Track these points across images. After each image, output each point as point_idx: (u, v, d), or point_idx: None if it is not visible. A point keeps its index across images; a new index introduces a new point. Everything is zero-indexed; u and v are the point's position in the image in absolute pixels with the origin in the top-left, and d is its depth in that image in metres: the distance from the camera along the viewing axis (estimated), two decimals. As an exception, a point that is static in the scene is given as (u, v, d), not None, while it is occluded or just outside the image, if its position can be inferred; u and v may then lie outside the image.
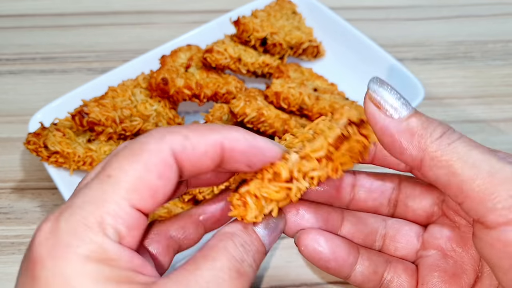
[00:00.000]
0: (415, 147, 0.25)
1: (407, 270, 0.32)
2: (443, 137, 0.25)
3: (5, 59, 0.83)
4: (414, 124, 0.26)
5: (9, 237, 0.62)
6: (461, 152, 0.24)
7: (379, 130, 0.27)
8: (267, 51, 0.73)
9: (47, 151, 0.61)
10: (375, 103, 0.27)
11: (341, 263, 0.30)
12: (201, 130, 0.23)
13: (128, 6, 0.92)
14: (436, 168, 0.25)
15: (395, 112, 0.26)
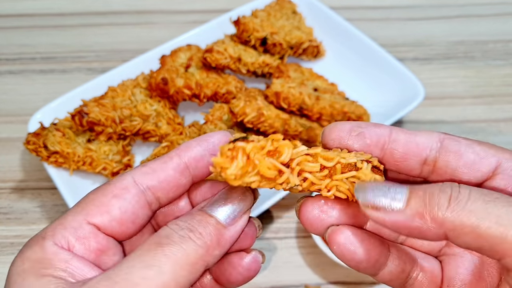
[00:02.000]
0: (432, 226, 0.24)
1: (432, 269, 0.31)
2: (451, 203, 0.24)
3: (4, 59, 0.83)
4: (416, 206, 0.24)
5: (8, 237, 0.62)
6: (479, 213, 0.23)
7: (392, 227, 0.25)
8: (267, 51, 0.73)
9: (46, 151, 0.61)
10: (371, 208, 0.26)
11: (373, 263, 0.29)
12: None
13: (128, 6, 0.92)
14: (462, 237, 0.24)
15: (392, 206, 0.25)
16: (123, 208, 0.26)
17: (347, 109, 0.65)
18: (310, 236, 0.58)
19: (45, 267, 0.24)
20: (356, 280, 0.58)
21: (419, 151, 0.29)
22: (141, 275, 0.23)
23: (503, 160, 0.28)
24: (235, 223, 0.27)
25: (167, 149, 0.59)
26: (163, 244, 0.25)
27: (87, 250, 0.26)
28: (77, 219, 0.26)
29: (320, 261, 0.59)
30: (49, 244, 0.25)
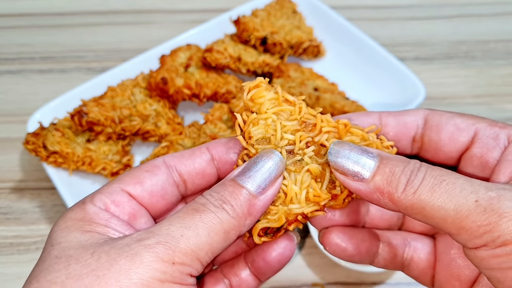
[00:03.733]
0: (389, 204, 0.27)
1: (425, 247, 0.34)
2: (407, 188, 0.26)
3: (3, 59, 0.83)
4: (379, 183, 0.27)
5: (8, 237, 0.62)
6: (426, 198, 0.26)
7: (354, 192, 0.29)
8: (267, 51, 0.72)
9: (46, 151, 0.60)
10: (340, 172, 0.29)
11: (365, 255, 0.32)
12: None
13: (127, 5, 0.92)
14: (414, 215, 0.27)
15: (359, 175, 0.28)
16: (153, 181, 0.30)
17: (347, 109, 0.65)
18: (310, 237, 0.58)
19: (88, 224, 0.27)
20: (356, 281, 0.58)
21: (408, 130, 0.32)
22: (180, 232, 0.26)
23: (480, 129, 0.30)
24: (266, 192, 0.29)
25: (167, 149, 0.59)
26: (200, 211, 0.27)
27: (121, 212, 0.29)
28: (113, 186, 0.29)
29: (320, 261, 0.59)
30: (89, 206, 0.28)
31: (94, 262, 0.25)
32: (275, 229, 0.31)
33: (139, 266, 0.24)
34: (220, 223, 0.27)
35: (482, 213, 0.24)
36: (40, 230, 0.62)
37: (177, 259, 0.25)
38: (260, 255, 0.31)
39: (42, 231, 0.62)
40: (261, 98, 0.31)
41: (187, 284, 0.26)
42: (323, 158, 0.30)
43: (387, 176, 0.27)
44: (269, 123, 0.31)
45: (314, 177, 0.30)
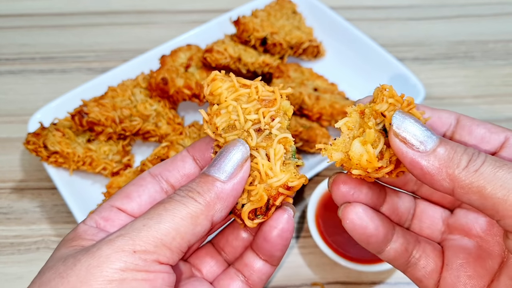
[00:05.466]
0: (445, 179, 0.27)
1: (434, 251, 0.34)
2: (469, 165, 0.26)
3: (4, 59, 0.83)
4: (441, 157, 0.27)
5: (8, 237, 0.62)
6: (488, 176, 0.26)
7: (408, 164, 0.28)
8: (267, 51, 0.73)
9: (46, 151, 0.60)
10: (400, 139, 0.28)
11: (381, 239, 0.32)
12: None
13: (128, 6, 0.92)
14: (469, 195, 0.26)
15: (421, 145, 0.27)
16: (140, 192, 0.32)
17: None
18: (310, 237, 0.58)
19: (74, 240, 0.29)
20: (356, 280, 0.58)
21: (442, 125, 0.33)
22: (142, 223, 0.27)
23: (510, 136, 0.31)
24: (234, 176, 0.30)
25: (167, 149, 0.59)
26: (164, 202, 0.28)
27: (111, 227, 0.30)
28: (104, 205, 0.31)
29: (320, 261, 0.59)
30: (80, 226, 0.30)
31: (61, 266, 0.26)
32: (264, 208, 0.31)
33: (99, 259, 0.26)
34: (186, 209, 0.28)
35: None
36: (41, 230, 0.62)
37: (138, 247, 0.26)
38: (262, 238, 0.32)
39: (43, 231, 0.62)
40: (218, 89, 0.32)
41: (154, 271, 0.26)
42: (378, 126, 0.30)
43: (449, 152, 0.27)
44: (231, 110, 0.32)
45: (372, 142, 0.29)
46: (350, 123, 0.32)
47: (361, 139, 0.30)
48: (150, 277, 0.26)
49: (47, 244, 0.61)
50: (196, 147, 0.34)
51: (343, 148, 0.31)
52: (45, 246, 0.61)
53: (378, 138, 0.30)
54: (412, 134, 0.27)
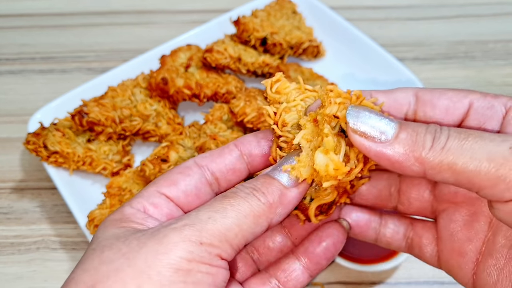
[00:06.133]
0: (414, 164, 0.26)
1: (425, 227, 0.34)
2: (434, 144, 0.26)
3: (4, 59, 0.83)
4: (404, 142, 0.26)
5: (8, 237, 0.62)
6: (456, 151, 0.25)
7: (374, 157, 0.27)
8: (267, 51, 0.73)
9: (46, 151, 0.60)
10: (360, 134, 0.27)
11: (364, 228, 0.35)
12: None
13: (128, 6, 0.92)
14: (441, 174, 0.26)
15: (381, 135, 0.27)
16: (187, 182, 0.31)
17: (347, 109, 0.65)
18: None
19: (124, 222, 0.28)
20: (356, 280, 0.58)
21: (400, 106, 0.32)
22: (208, 215, 0.27)
23: (474, 101, 0.30)
24: (298, 185, 0.30)
25: (167, 149, 0.59)
26: (229, 197, 0.28)
27: (159, 214, 0.30)
28: (150, 190, 0.31)
29: (320, 261, 0.60)
30: (127, 208, 0.30)
31: (125, 247, 0.26)
32: (327, 206, 0.33)
33: (167, 246, 0.25)
34: (250, 207, 0.27)
35: None
36: (41, 230, 0.62)
37: (205, 240, 0.26)
38: (312, 246, 0.32)
39: (43, 231, 0.62)
40: (286, 88, 0.33)
41: (216, 266, 0.26)
42: (335, 130, 0.29)
43: (411, 135, 0.26)
44: (300, 109, 0.33)
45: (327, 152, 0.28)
46: (307, 135, 0.31)
47: (322, 149, 0.28)
48: (212, 271, 0.26)
49: (47, 244, 0.61)
50: (245, 142, 0.33)
51: (309, 163, 0.30)
52: (45, 246, 0.61)
53: (338, 142, 0.29)
54: (370, 126, 0.27)
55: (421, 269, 0.59)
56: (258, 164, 0.33)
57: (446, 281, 0.58)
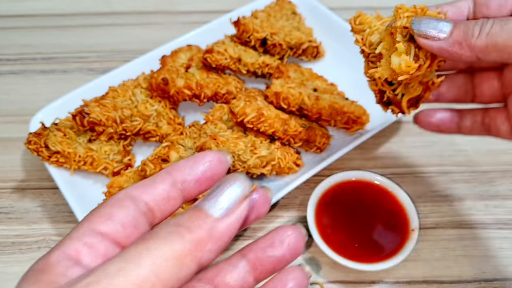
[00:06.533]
0: (467, 51, 0.36)
1: (498, 111, 0.44)
2: (481, 32, 0.35)
3: (5, 59, 0.83)
4: (458, 36, 0.36)
5: (10, 236, 0.62)
6: (497, 33, 0.34)
7: (438, 52, 0.37)
8: (267, 52, 0.73)
9: (48, 151, 0.61)
10: (423, 37, 0.37)
11: (449, 125, 0.48)
12: None
13: (129, 7, 0.92)
14: (489, 55, 0.35)
15: (440, 33, 0.37)
16: (122, 214, 0.27)
17: (346, 109, 0.65)
18: (309, 236, 0.58)
19: (45, 273, 0.24)
20: (355, 280, 0.58)
21: (461, 11, 0.42)
22: (118, 267, 0.23)
23: None
24: (230, 214, 0.26)
25: (168, 149, 0.60)
26: (147, 240, 0.24)
27: (94, 256, 0.26)
28: (83, 228, 0.26)
29: (319, 260, 0.60)
30: (54, 254, 0.25)
31: None
32: (415, 100, 0.42)
33: None
34: (171, 249, 0.24)
35: None
36: (42, 230, 0.63)
37: None
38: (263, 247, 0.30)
39: (44, 230, 0.63)
40: (367, 19, 0.45)
41: None
42: (406, 38, 0.39)
43: (463, 30, 0.36)
44: (380, 32, 0.42)
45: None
46: (386, 45, 0.41)
47: (396, 53, 0.39)
48: None
49: (48, 244, 0.61)
50: (178, 169, 0.30)
51: (389, 66, 0.40)
52: (46, 246, 0.61)
53: (409, 46, 0.39)
54: (430, 29, 0.37)
55: (420, 268, 0.59)
56: (192, 190, 0.30)
57: (445, 280, 0.58)
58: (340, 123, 0.66)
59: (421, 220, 0.63)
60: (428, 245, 0.61)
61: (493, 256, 0.60)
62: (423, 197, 0.66)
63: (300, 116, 0.66)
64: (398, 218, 0.59)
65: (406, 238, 0.57)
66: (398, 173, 0.68)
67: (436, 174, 0.68)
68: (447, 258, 0.60)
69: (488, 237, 0.62)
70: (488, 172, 0.68)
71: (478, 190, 0.66)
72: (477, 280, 0.58)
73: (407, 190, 0.65)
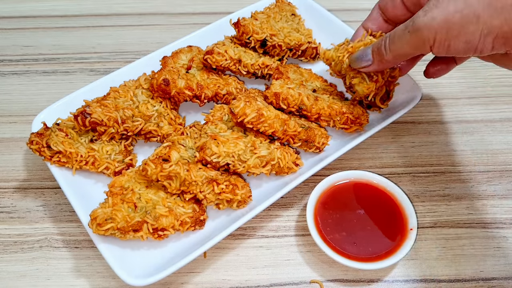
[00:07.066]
0: (388, 64, 0.56)
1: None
2: (385, 49, 0.54)
3: (8, 60, 0.84)
4: (376, 58, 0.57)
5: (12, 236, 0.63)
6: (392, 47, 0.53)
7: (375, 71, 0.61)
8: (267, 53, 0.74)
9: (49, 151, 0.61)
10: (360, 68, 0.60)
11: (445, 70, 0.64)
12: None
13: (130, 8, 0.93)
14: (402, 60, 0.54)
15: (367, 61, 0.58)
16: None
17: (345, 110, 0.66)
18: (309, 235, 0.59)
19: None
20: (354, 278, 0.59)
21: (378, 18, 0.62)
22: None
23: None
24: None
25: (168, 149, 0.60)
26: None
27: None
28: None
29: (319, 259, 0.60)
30: None
31: None
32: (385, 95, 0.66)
33: None
34: None
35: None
36: (44, 229, 0.63)
37: None
38: None
39: (46, 229, 0.63)
40: (330, 53, 0.65)
41: None
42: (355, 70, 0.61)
43: (376, 51, 0.55)
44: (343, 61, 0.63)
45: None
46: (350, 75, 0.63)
47: (356, 85, 0.62)
48: None
49: (50, 243, 0.62)
50: None
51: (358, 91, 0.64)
52: (48, 245, 0.62)
53: (361, 74, 0.61)
54: (361, 63, 0.58)
55: (418, 267, 0.60)
56: None
57: (443, 279, 0.59)
58: (339, 124, 0.66)
59: (419, 219, 0.63)
60: (426, 244, 0.61)
61: (491, 255, 0.61)
62: (421, 196, 0.67)
63: (300, 116, 0.67)
64: (396, 217, 0.59)
65: (404, 237, 0.57)
66: (396, 172, 0.69)
67: (433, 174, 0.69)
68: (445, 257, 0.60)
69: (486, 237, 0.62)
70: (486, 172, 0.69)
71: (476, 190, 0.67)
72: (475, 279, 0.59)
73: (405, 189, 0.66)
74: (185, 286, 0.58)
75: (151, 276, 0.52)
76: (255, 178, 0.64)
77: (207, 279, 0.58)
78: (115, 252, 0.55)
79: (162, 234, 0.55)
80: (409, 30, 0.47)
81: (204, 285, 0.58)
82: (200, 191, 0.57)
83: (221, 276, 0.59)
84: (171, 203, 0.57)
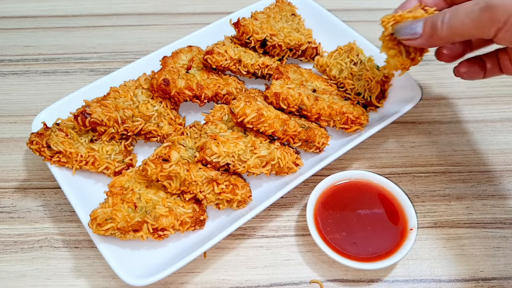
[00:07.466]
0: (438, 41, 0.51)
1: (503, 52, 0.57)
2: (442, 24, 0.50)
3: (8, 60, 0.84)
4: (427, 32, 0.52)
5: (12, 235, 0.63)
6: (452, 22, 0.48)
7: (418, 46, 0.55)
8: (267, 53, 0.74)
9: (49, 151, 0.61)
10: (405, 39, 0.55)
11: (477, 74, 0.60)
12: None
13: (130, 8, 0.93)
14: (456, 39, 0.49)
15: (415, 34, 0.53)
16: None
17: (345, 110, 0.66)
18: (309, 235, 0.59)
19: None
20: (354, 278, 0.59)
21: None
22: None
23: None
24: None
25: (168, 149, 0.60)
26: None
27: None
28: None
29: (318, 259, 0.60)
30: None
31: None
32: (381, 94, 0.68)
33: None
34: None
35: None
36: (44, 229, 0.63)
37: None
38: None
39: (46, 229, 0.63)
40: (323, 60, 0.69)
41: None
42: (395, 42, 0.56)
43: (430, 25, 0.50)
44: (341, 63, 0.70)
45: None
46: (385, 48, 0.58)
47: (389, 57, 0.58)
48: None
49: (50, 243, 0.62)
50: None
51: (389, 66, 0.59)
52: (48, 245, 0.62)
53: (399, 47, 0.56)
54: (407, 33, 0.52)
55: (418, 267, 0.60)
56: None
57: (443, 279, 0.59)
58: (339, 124, 0.66)
59: (419, 219, 0.63)
60: (426, 244, 0.61)
61: (491, 255, 0.61)
62: (421, 196, 0.67)
63: (300, 116, 0.67)
64: (396, 217, 0.59)
65: (404, 237, 0.57)
66: (396, 172, 0.69)
67: (434, 174, 0.69)
68: (445, 257, 0.60)
69: (486, 236, 0.62)
70: (486, 172, 0.69)
71: (476, 190, 0.67)
72: (475, 279, 0.59)
73: (405, 189, 0.66)
74: (185, 286, 0.58)
75: (151, 276, 0.52)
76: (255, 178, 0.64)
77: (207, 279, 0.58)
78: (115, 252, 0.55)
79: (162, 234, 0.55)
80: (480, 6, 0.44)
81: (204, 285, 0.58)
82: (200, 191, 0.57)
83: (221, 276, 0.59)
84: (171, 203, 0.57)
